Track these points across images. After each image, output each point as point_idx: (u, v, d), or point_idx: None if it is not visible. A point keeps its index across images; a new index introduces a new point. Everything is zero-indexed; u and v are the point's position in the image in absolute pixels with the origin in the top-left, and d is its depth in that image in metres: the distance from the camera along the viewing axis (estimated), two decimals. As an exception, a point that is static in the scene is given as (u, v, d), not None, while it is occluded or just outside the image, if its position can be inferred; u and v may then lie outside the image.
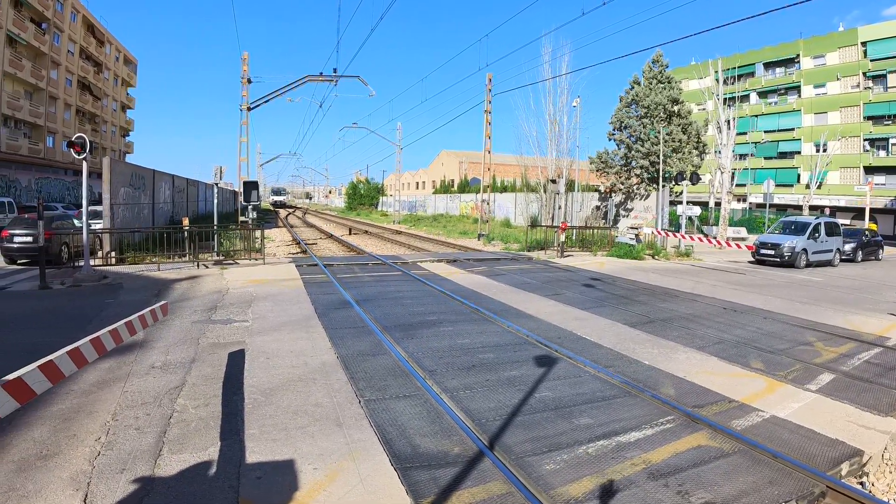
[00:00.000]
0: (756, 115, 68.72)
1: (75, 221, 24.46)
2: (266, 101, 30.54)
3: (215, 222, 25.84)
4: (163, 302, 7.49)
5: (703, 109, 53.37)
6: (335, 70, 29.98)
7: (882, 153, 59.33)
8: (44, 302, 14.16)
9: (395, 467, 5.60)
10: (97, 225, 21.44)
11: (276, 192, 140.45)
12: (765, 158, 68.18)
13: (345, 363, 9.01)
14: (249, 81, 28.42)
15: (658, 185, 36.45)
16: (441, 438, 6.30)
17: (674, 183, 37.99)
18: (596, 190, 47.65)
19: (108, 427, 6.44)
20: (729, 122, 39.63)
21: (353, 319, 12.36)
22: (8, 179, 47.71)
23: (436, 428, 6.58)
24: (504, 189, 62.94)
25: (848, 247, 29.36)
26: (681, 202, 30.30)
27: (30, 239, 20.04)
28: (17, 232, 20.68)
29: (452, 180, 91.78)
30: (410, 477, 5.45)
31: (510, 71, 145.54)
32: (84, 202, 16.93)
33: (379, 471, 5.53)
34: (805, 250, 25.67)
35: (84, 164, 16.39)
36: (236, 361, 9.01)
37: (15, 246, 20.61)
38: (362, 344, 10.28)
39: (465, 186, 78.36)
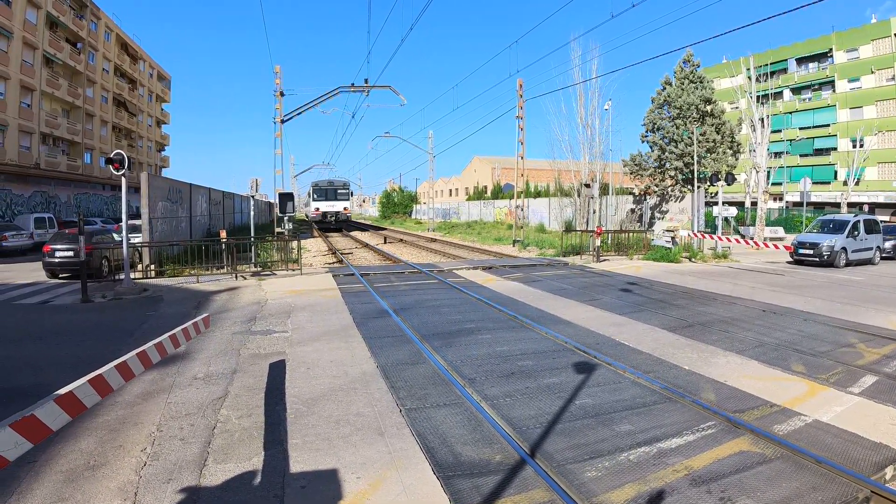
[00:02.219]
0: (790, 112, 67.72)
1: (115, 236, 24.89)
2: (299, 114, 30.82)
3: (252, 234, 26.17)
4: (205, 314, 7.59)
5: (736, 108, 52.72)
6: (366, 80, 30.16)
7: (921, 147, 58.09)
8: (86, 315, 14.44)
9: (438, 476, 5.62)
10: (136, 239, 21.79)
11: (323, 192, 63.67)
12: (800, 156, 67.08)
13: (384, 372, 9.06)
14: (282, 94, 28.72)
15: (693, 186, 36.06)
16: (482, 446, 6.31)
17: (709, 184, 37.53)
18: (630, 193, 47.22)
19: (154, 438, 6.55)
20: (763, 120, 39.07)
21: (391, 328, 12.42)
22: (48, 195, 48.69)
23: (477, 436, 6.59)
24: (537, 194, 62.73)
25: (888, 244, 28.76)
26: (716, 203, 29.93)
27: (71, 253, 20.45)
28: (58, 247, 21.10)
29: (485, 186, 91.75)
30: (453, 485, 5.47)
31: (541, 76, 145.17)
32: (123, 217, 17.24)
33: (422, 479, 5.56)
34: (844, 249, 25.21)
35: (123, 179, 16.70)
36: (277, 372, 9.11)
37: (56, 260, 21.03)
38: (401, 353, 10.33)
39: (499, 192, 78.30)
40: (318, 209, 61.08)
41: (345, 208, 62.17)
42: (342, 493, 5.30)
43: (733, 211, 32.90)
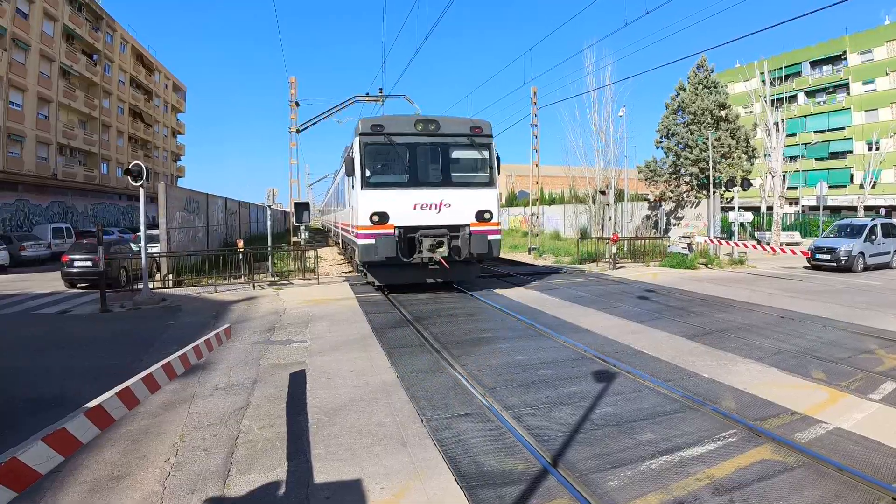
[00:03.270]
0: (805, 116, 67.20)
1: (132, 245, 25.08)
2: (314, 123, 30.91)
3: (269, 243, 26.28)
4: (226, 325, 7.64)
5: (750, 112, 52.50)
6: (381, 90, 30.11)
7: (938, 149, 57.50)
8: (106, 325, 14.56)
9: (461, 486, 5.62)
10: (154, 249, 21.96)
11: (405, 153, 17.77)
12: (815, 160, 66.51)
13: (405, 382, 9.07)
14: (297, 105, 28.86)
15: (708, 192, 35.94)
16: (505, 456, 6.31)
17: (724, 189, 37.39)
18: (645, 199, 46.99)
19: (177, 448, 6.60)
20: (777, 124, 38.95)
21: (409, 338, 12.44)
22: (65, 206, 49.10)
23: (499, 446, 6.59)
24: (552, 201, 62.40)
25: (907, 247, 28.53)
26: (732, 208, 29.81)
27: (89, 263, 20.59)
28: (76, 257, 21.27)
29: (500, 194, 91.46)
30: (477, 495, 5.47)
31: (555, 83, 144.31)
32: (142, 227, 17.39)
33: (445, 489, 5.56)
34: (862, 253, 25.01)
35: (142, 190, 16.83)
36: (298, 382, 9.15)
37: (75, 270, 21.20)
38: (421, 362, 10.36)
39: (514, 200, 77.99)
40: (374, 214, 17.67)
41: (482, 213, 18.45)
42: (366, 503, 5.32)
43: (749, 216, 32.75)
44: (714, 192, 34.57)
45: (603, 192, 40.11)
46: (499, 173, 18.87)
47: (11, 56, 40.99)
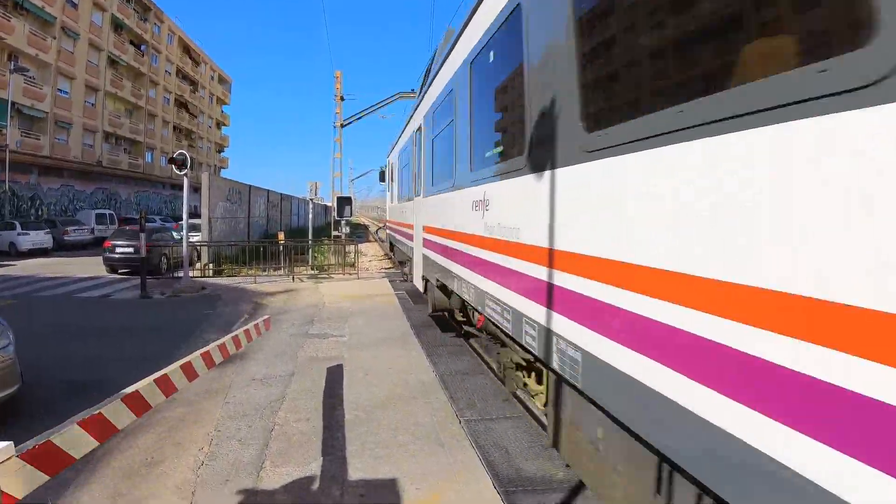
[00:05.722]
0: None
1: (174, 234, 25.36)
2: (358, 118, 30.96)
3: (310, 237, 26.38)
4: (266, 317, 7.55)
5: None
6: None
7: None
8: (146, 311, 14.67)
9: (499, 490, 5.45)
10: (196, 238, 22.15)
11: None
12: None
13: (443, 382, 8.89)
14: (342, 99, 28.92)
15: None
16: (544, 461, 6.13)
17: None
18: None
19: (211, 437, 6.53)
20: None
21: (449, 337, 12.25)
22: (109, 192, 50.01)
23: (538, 450, 6.40)
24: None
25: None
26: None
27: (131, 250, 20.87)
28: (118, 243, 21.56)
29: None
30: (514, 501, 5.32)
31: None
32: (185, 216, 17.50)
33: (482, 493, 5.38)
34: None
35: (185, 179, 16.94)
36: (335, 376, 9.04)
37: (117, 256, 21.50)
38: (460, 363, 10.16)
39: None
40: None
41: None
42: (401, 503, 5.17)
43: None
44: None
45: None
46: None
47: (60, 44, 41.89)
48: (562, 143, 4.16)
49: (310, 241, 25.43)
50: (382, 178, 25.06)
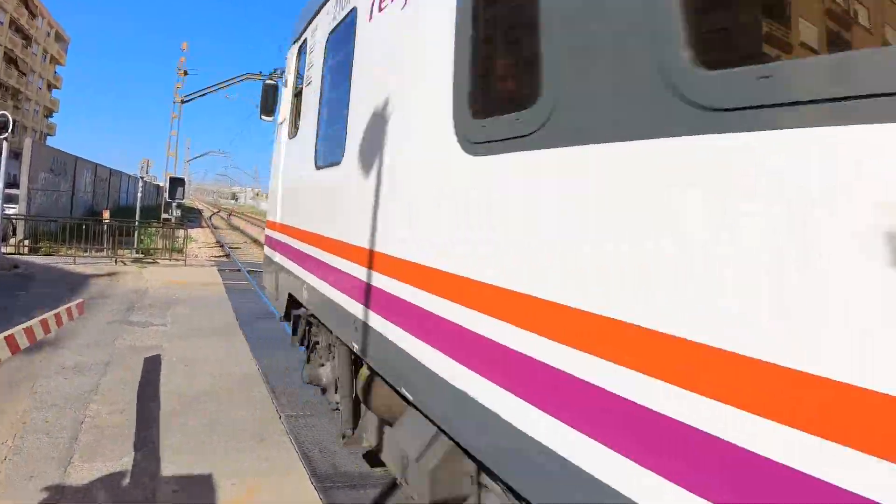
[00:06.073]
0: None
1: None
2: (202, 95, 29.90)
3: (137, 217, 25.14)
4: (79, 300, 7.29)
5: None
6: (276, 70, 29.40)
7: None
8: (-55, 288, 13.59)
9: (316, 486, 5.61)
10: (12, 210, 20.62)
11: None
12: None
13: (266, 376, 8.90)
14: (186, 73, 27.85)
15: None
16: (362, 457, 6.33)
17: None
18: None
19: (16, 430, 6.23)
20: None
21: (276, 331, 12.13)
22: None
23: (356, 447, 6.60)
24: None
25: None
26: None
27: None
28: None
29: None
30: (332, 496, 5.52)
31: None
32: (0, 185, 16.23)
33: (300, 489, 5.53)
34: None
35: (4, 143, 15.73)
36: (153, 367, 8.81)
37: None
38: (286, 358, 10.06)
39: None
40: None
41: None
42: (216, 499, 5.20)
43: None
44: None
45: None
46: None
47: None
48: None
49: (137, 222, 24.33)
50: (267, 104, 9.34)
